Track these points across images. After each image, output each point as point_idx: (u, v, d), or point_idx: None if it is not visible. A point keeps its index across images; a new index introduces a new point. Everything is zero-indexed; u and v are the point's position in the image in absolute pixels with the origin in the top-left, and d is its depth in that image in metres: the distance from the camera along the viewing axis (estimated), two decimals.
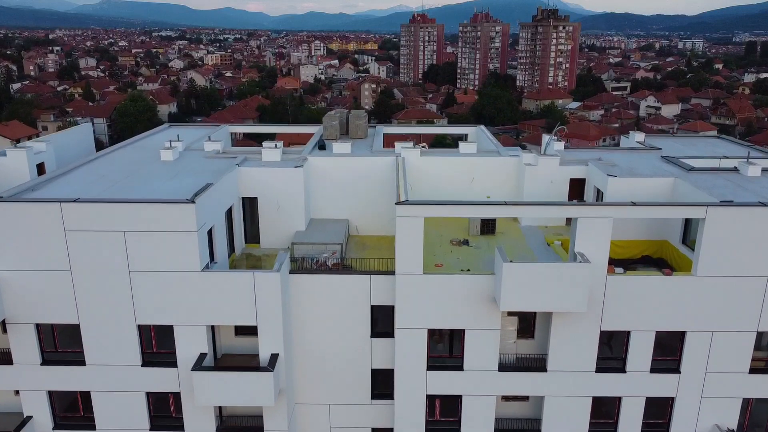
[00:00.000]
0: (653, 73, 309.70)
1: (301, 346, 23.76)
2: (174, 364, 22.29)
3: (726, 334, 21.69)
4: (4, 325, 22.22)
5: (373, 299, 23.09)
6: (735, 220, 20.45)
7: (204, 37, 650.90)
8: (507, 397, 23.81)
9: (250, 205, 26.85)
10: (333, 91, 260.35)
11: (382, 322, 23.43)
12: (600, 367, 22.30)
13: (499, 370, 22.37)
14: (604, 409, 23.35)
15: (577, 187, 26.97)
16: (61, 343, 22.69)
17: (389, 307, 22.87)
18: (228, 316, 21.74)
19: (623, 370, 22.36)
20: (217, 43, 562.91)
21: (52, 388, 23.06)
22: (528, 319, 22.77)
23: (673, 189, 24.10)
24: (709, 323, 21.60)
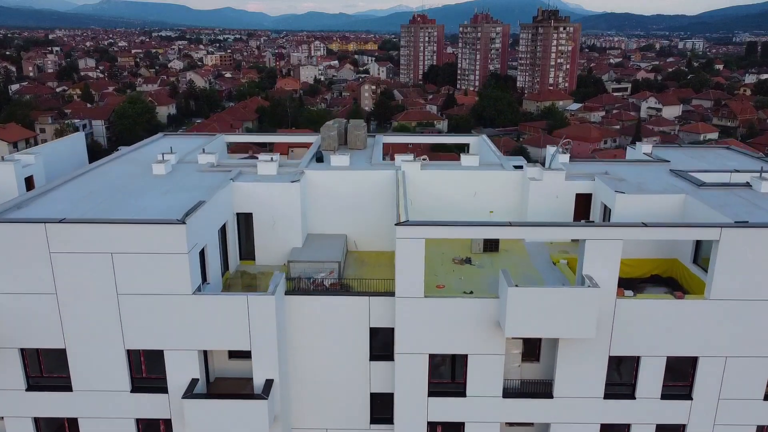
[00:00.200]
0: (654, 74, 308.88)
1: (298, 369, 22.88)
2: (165, 390, 21.40)
3: (740, 360, 20.81)
4: None
5: (372, 321, 22.22)
6: (750, 242, 19.57)
7: (204, 37, 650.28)
8: (511, 424, 22.93)
9: (245, 221, 25.95)
10: (333, 92, 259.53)
11: (382, 344, 22.53)
12: (608, 393, 21.42)
13: (504, 396, 21.49)
14: None
15: (583, 203, 26.08)
16: (47, 368, 21.80)
17: (389, 329, 21.99)
18: (220, 341, 20.85)
19: (633, 397, 21.49)
20: (217, 44, 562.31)
21: (37, 415, 22.16)
22: (533, 342, 21.88)
23: (684, 206, 23.20)
24: (722, 348, 20.72)
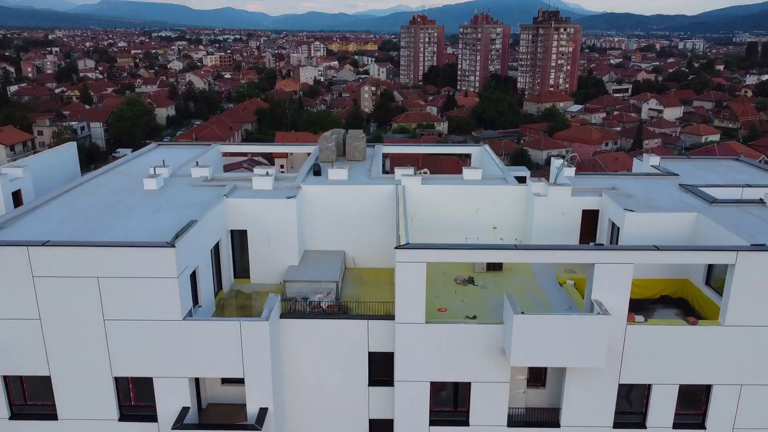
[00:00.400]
0: (654, 75, 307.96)
1: (293, 395, 21.98)
2: (154, 419, 20.47)
3: (756, 388, 19.89)
4: None
5: (371, 345, 21.32)
6: None
7: (204, 37, 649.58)
8: None
9: (240, 238, 25.04)
10: (332, 93, 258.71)
11: (381, 369, 21.62)
12: (618, 422, 20.49)
13: (508, 425, 20.57)
14: None
15: (590, 219, 25.15)
16: (31, 396, 20.89)
17: (389, 353, 21.09)
18: (212, 368, 19.94)
19: (643, 426, 20.56)
20: (217, 44, 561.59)
21: None
22: (539, 367, 20.95)
23: (696, 225, 22.27)
24: (737, 376, 19.80)
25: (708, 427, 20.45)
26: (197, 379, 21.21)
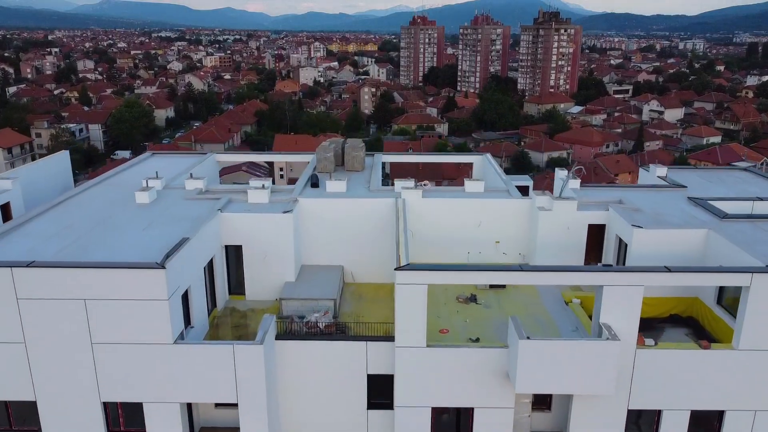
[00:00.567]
0: (655, 76, 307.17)
1: (289, 419, 21.19)
2: None
3: None
4: None
5: (370, 368, 20.54)
6: None
7: (203, 38, 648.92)
8: None
9: (235, 253, 24.25)
10: (332, 94, 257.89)
11: (380, 391, 20.83)
12: None
13: None
14: None
15: (596, 234, 24.37)
16: (17, 421, 20.08)
17: (388, 376, 20.31)
18: (204, 393, 19.16)
19: None
20: (217, 44, 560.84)
21: None
22: None
23: (707, 242, 21.47)
24: (751, 402, 19.01)
25: None
26: (189, 404, 20.44)
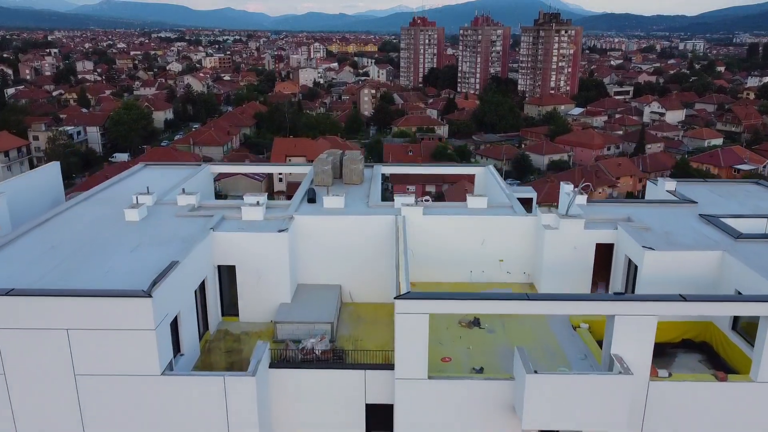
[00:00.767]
0: (655, 77, 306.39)
1: None
2: None
3: None
4: None
5: (369, 397, 19.56)
6: None
7: (203, 38, 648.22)
8: None
9: (228, 273, 23.29)
10: (332, 96, 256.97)
11: (379, 422, 19.85)
12: None
13: None
14: None
15: (604, 254, 23.41)
16: None
17: (388, 405, 19.34)
18: (194, 427, 18.16)
19: None
20: (216, 45, 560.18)
21: None
22: None
23: (721, 265, 20.51)
24: None
25: None
26: None
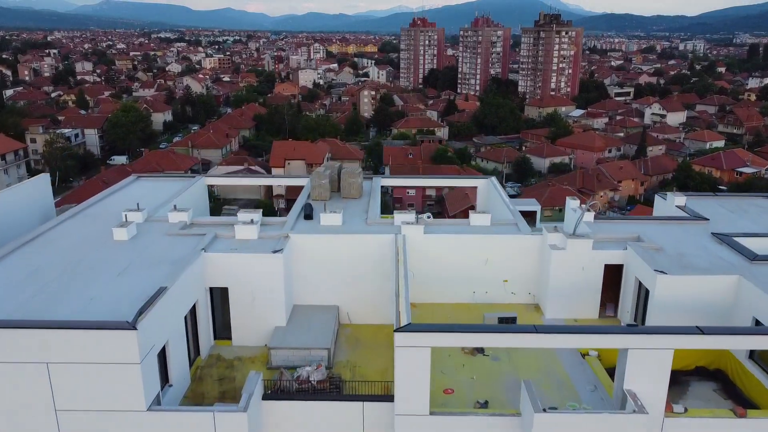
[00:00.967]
0: (656, 78, 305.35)
1: None
2: None
3: None
4: None
5: (367, 429, 18.58)
6: None
7: (203, 39, 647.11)
8: None
9: (221, 295, 22.33)
10: (332, 97, 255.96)
11: None
12: None
13: None
14: None
15: (613, 275, 22.44)
16: None
17: None
18: None
19: None
20: (216, 45, 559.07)
21: None
22: None
23: (738, 289, 19.52)
24: None
25: None
26: None
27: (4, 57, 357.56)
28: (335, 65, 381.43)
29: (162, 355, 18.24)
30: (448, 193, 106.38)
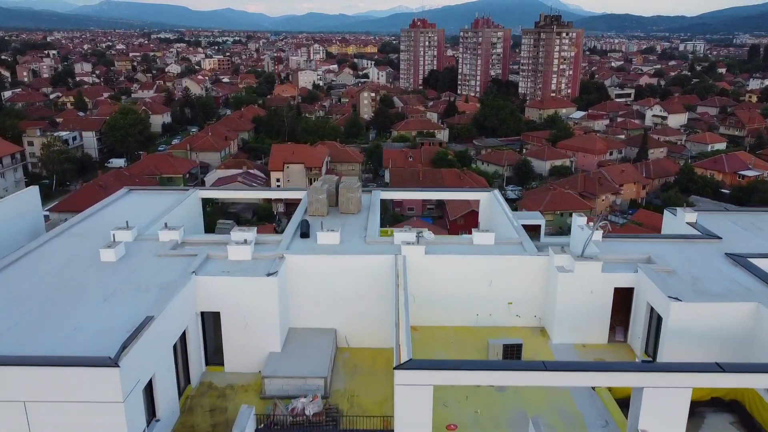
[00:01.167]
0: (657, 79, 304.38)
1: None
2: None
3: None
4: None
5: None
6: None
7: (203, 39, 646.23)
8: None
9: (212, 320, 21.35)
10: (331, 98, 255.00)
11: None
12: None
13: None
14: None
15: (623, 299, 21.46)
16: None
17: None
18: None
19: None
20: (216, 46, 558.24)
21: None
22: None
23: (756, 317, 18.53)
24: None
25: None
26: None
27: (3, 58, 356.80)
28: (335, 66, 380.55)
29: (149, 389, 17.25)
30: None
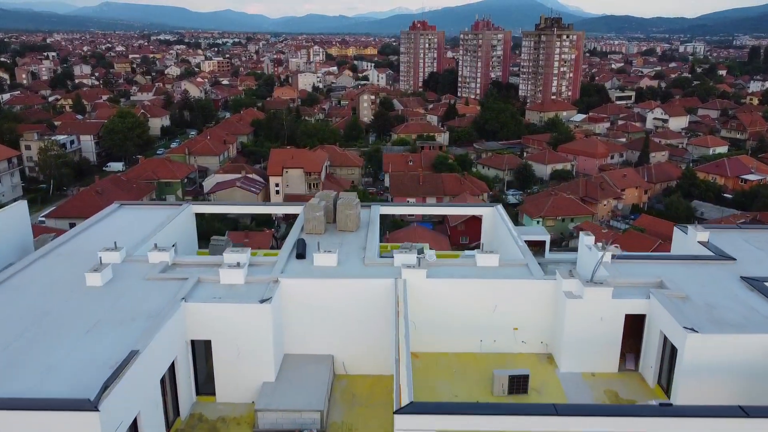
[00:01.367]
0: (657, 81, 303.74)
1: None
2: None
3: None
4: None
5: None
6: None
7: (202, 41, 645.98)
8: None
9: (203, 348, 20.32)
10: (331, 101, 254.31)
11: None
12: None
13: None
14: None
15: (634, 326, 20.44)
16: None
17: None
18: None
19: None
20: (216, 48, 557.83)
21: None
22: None
23: None
24: None
25: None
26: None
27: (2, 60, 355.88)
28: (335, 68, 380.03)
29: (133, 428, 16.22)
30: (450, 201, 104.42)
